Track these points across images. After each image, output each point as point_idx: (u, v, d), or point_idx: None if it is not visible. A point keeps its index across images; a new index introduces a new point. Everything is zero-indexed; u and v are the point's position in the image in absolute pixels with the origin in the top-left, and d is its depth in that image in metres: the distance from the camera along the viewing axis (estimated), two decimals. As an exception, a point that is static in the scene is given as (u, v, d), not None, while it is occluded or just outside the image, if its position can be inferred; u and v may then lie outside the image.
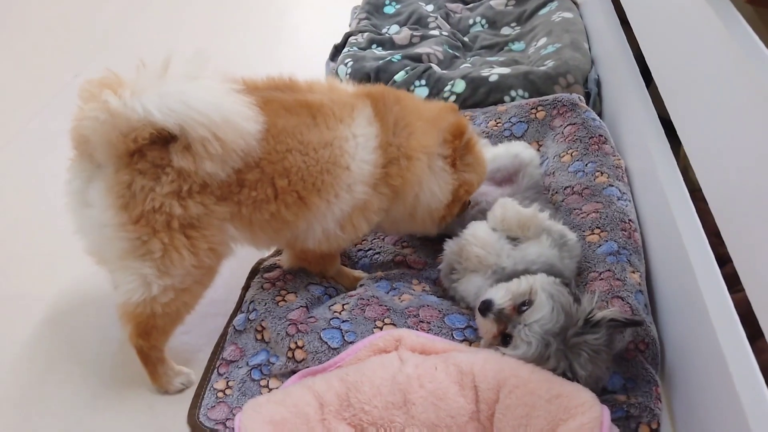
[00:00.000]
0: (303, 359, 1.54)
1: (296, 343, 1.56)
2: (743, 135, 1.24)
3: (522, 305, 1.41)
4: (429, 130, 1.62)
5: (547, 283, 1.45)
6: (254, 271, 1.83)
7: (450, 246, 1.70)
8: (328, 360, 1.52)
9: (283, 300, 1.68)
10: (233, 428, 1.37)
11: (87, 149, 1.34)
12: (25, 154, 2.51)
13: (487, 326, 1.46)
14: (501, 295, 1.45)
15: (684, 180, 1.69)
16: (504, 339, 1.44)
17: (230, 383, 1.56)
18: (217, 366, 1.62)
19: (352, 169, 1.51)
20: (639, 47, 2.00)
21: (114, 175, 1.33)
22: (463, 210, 1.79)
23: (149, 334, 1.50)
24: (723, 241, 1.28)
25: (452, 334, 1.57)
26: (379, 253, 1.96)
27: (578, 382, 1.35)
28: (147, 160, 1.31)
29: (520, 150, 1.92)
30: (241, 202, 1.42)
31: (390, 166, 1.57)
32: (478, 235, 1.63)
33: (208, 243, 1.41)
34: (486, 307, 1.44)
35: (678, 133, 1.60)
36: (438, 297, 1.73)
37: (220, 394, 1.54)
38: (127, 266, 1.38)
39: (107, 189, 1.33)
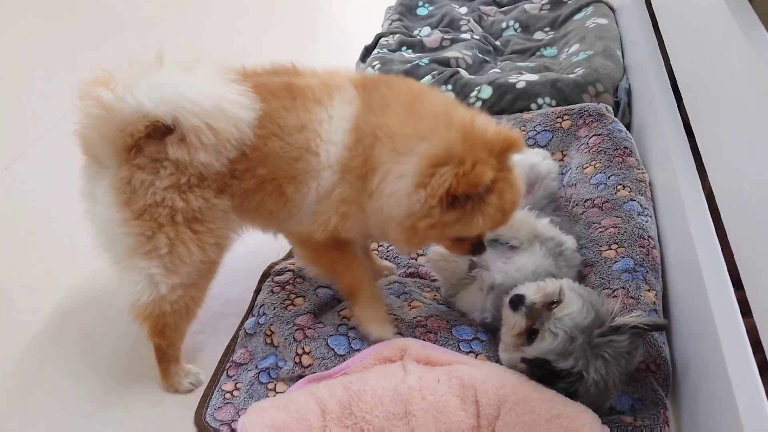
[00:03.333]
0: (310, 365, 1.56)
1: (303, 348, 1.57)
2: (760, 156, 1.21)
3: (551, 304, 1.41)
4: (410, 120, 1.36)
5: (575, 285, 1.46)
6: (265, 275, 1.85)
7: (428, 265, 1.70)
8: (334, 366, 1.54)
9: (292, 304, 1.69)
10: (236, 430, 1.40)
11: (93, 151, 1.38)
12: (53, 151, 2.58)
13: (516, 321, 1.42)
14: (533, 290, 1.44)
15: (708, 199, 1.65)
16: (529, 336, 1.41)
17: (238, 385, 1.59)
18: (226, 368, 1.64)
19: (321, 154, 1.41)
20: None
21: (116, 171, 1.36)
22: (464, 249, 1.46)
23: (164, 333, 1.53)
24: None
25: (459, 345, 1.57)
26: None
27: (584, 385, 1.34)
28: (145, 155, 1.34)
29: (538, 161, 1.89)
30: (233, 193, 1.43)
31: (357, 146, 1.40)
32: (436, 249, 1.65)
33: (215, 237, 1.43)
34: (519, 300, 1.42)
35: (701, 152, 1.56)
36: (447, 307, 1.72)
37: (228, 396, 1.57)
38: (135, 266, 1.41)
39: (110, 186, 1.37)
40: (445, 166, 1.28)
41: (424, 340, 1.57)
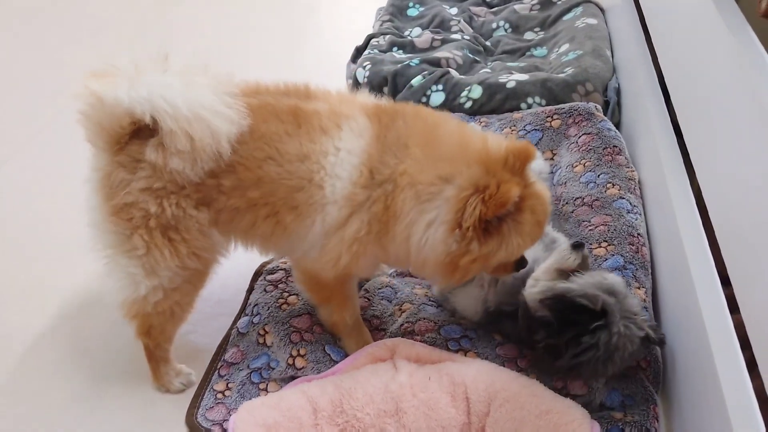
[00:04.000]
0: (303, 367, 1.56)
1: (298, 351, 1.58)
2: (747, 155, 1.22)
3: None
4: (429, 164, 1.32)
5: None
6: (257, 273, 1.85)
7: None
8: (327, 369, 1.55)
9: (286, 303, 1.70)
10: (228, 430, 1.40)
11: (91, 138, 1.37)
12: (48, 151, 2.57)
13: (572, 257, 1.49)
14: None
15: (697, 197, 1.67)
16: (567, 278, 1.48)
17: (230, 385, 1.59)
18: (218, 367, 1.64)
19: (326, 188, 1.35)
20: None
21: (103, 163, 1.36)
22: (508, 270, 1.45)
23: (150, 333, 1.53)
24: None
25: (447, 344, 1.57)
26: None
27: (605, 336, 1.36)
28: (127, 153, 1.33)
29: (528, 161, 1.90)
30: (219, 209, 1.40)
31: (376, 189, 1.34)
32: None
33: (190, 248, 1.41)
34: (581, 244, 1.52)
35: (689, 151, 1.58)
36: (437, 307, 1.73)
37: (220, 396, 1.57)
38: (117, 262, 1.41)
39: (98, 177, 1.37)
40: (472, 197, 1.27)
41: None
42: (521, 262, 1.44)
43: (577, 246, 1.51)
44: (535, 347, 1.46)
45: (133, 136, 1.32)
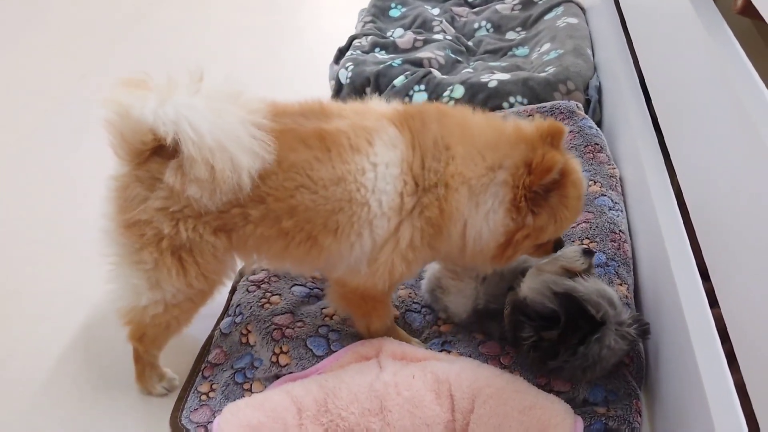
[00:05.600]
0: (287, 364, 1.56)
1: (281, 348, 1.58)
2: (724, 150, 1.24)
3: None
4: (476, 156, 1.35)
5: None
6: (240, 274, 1.85)
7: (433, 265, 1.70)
8: (311, 366, 1.54)
9: (269, 302, 1.69)
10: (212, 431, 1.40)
11: (114, 146, 1.33)
12: (31, 155, 2.54)
13: (582, 260, 1.52)
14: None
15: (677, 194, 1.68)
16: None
17: (214, 386, 1.58)
18: (202, 369, 1.64)
19: (371, 203, 1.32)
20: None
21: (123, 172, 1.33)
22: (548, 250, 1.50)
23: (142, 340, 1.53)
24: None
25: (429, 347, 1.59)
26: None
27: (595, 348, 1.37)
28: (146, 169, 1.30)
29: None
30: (247, 236, 1.35)
31: (425, 195, 1.34)
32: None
33: (201, 270, 1.38)
34: (591, 252, 1.56)
35: (668, 148, 1.59)
36: (418, 312, 1.74)
37: (204, 397, 1.56)
38: (123, 271, 1.39)
39: (115, 182, 1.34)
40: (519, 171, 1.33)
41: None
42: (559, 243, 1.50)
43: (587, 253, 1.54)
44: (520, 345, 1.47)
45: (155, 153, 1.28)
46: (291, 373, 1.55)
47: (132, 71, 1.31)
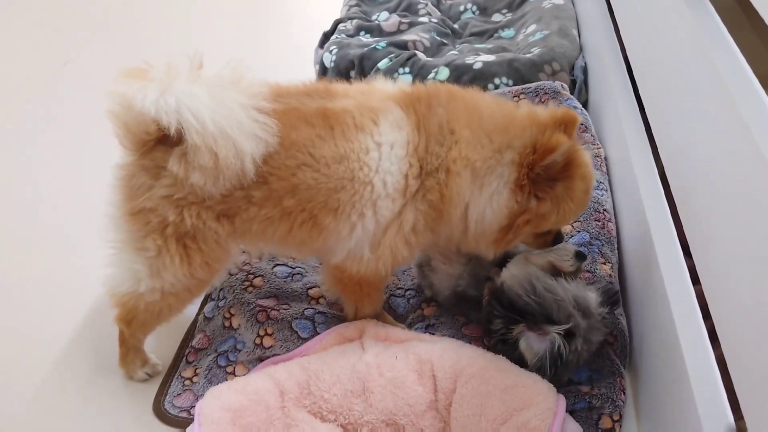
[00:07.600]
0: (271, 346, 1.55)
1: (266, 330, 1.57)
2: (707, 129, 1.23)
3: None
4: (483, 139, 1.33)
5: None
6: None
7: None
8: (296, 348, 1.54)
9: (251, 285, 1.69)
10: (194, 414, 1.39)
11: (118, 137, 1.32)
12: (14, 141, 2.51)
13: (572, 262, 1.53)
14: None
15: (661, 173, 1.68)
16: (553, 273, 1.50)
17: (197, 371, 1.58)
18: (185, 354, 1.63)
19: (375, 183, 1.32)
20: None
21: (128, 162, 1.33)
22: (547, 242, 1.51)
23: (130, 323, 1.51)
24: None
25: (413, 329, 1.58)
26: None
27: (566, 349, 1.37)
28: (151, 158, 1.29)
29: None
30: (251, 219, 1.35)
31: (428, 178, 1.34)
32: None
33: (204, 257, 1.38)
34: (584, 257, 1.56)
35: (651, 126, 1.59)
36: (402, 296, 1.73)
37: (187, 382, 1.56)
38: (125, 255, 1.39)
39: (121, 170, 1.34)
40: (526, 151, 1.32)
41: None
42: (559, 237, 1.50)
43: (579, 256, 1.54)
44: (491, 337, 1.47)
45: (160, 142, 1.27)
46: (275, 355, 1.54)
47: (116, 58, 1.29)
